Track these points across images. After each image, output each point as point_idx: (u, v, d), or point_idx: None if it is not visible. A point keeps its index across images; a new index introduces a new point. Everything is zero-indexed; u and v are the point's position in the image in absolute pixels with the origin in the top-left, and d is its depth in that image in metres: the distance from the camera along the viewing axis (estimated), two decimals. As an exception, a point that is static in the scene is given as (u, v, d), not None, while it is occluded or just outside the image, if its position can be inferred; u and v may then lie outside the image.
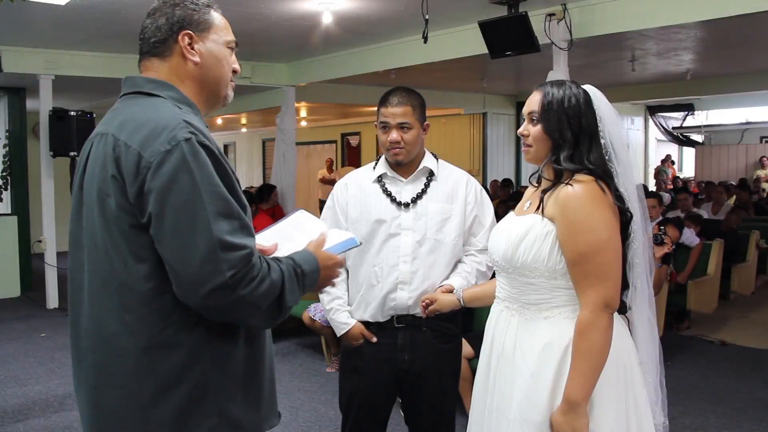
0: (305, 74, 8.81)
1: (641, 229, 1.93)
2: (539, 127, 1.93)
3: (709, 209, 9.10)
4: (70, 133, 7.40)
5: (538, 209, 1.92)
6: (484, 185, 11.42)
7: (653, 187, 14.85)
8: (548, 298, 1.90)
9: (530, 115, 1.96)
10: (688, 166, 17.95)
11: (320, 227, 1.83)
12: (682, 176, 16.52)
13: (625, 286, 1.94)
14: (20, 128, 9.05)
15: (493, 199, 9.95)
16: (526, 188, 2.18)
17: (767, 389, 4.80)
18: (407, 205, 2.53)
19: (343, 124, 15.50)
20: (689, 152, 17.59)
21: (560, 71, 5.80)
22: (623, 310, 1.96)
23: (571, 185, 1.85)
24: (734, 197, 10.34)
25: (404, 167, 2.57)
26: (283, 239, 1.70)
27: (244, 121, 15.48)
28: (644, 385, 1.95)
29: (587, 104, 1.91)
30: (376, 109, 2.61)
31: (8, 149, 8.93)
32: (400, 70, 7.82)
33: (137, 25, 1.66)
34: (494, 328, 2.03)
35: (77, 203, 1.57)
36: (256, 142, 18.34)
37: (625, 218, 1.90)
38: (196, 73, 1.62)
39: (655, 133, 16.75)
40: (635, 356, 1.95)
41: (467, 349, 3.72)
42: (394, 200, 2.54)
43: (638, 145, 16.42)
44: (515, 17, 5.60)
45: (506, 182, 11.17)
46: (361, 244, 2.17)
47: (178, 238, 1.40)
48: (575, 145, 1.90)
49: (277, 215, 8.22)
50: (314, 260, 1.63)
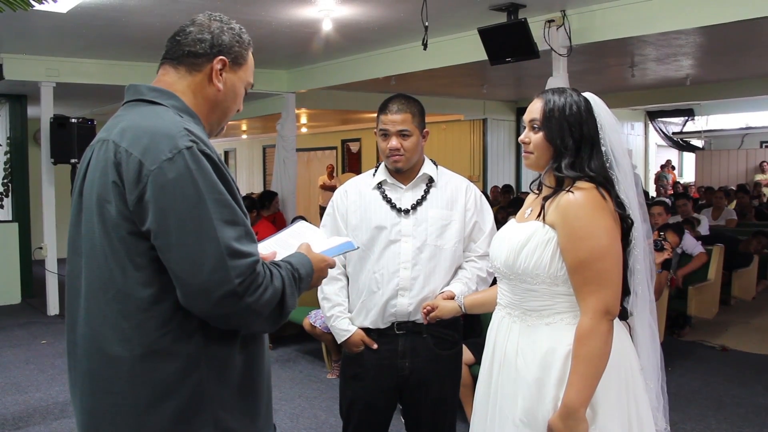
0: (305, 81, 8.83)
1: (642, 235, 1.94)
2: (541, 134, 1.94)
3: (709, 215, 9.11)
4: (71, 140, 7.42)
5: (539, 216, 1.93)
6: (484, 191, 11.46)
7: (653, 192, 14.88)
8: (550, 304, 1.91)
9: (531, 122, 1.97)
10: (688, 171, 17.97)
11: (320, 237, 1.85)
12: (682, 181, 16.54)
13: (626, 292, 1.95)
14: (21, 135, 9.07)
15: (493, 205, 9.97)
16: (526, 194, 2.18)
17: (768, 395, 4.80)
18: (407, 211, 2.54)
19: (343, 130, 15.52)
20: (689, 157, 17.61)
21: (560, 77, 5.82)
22: (624, 316, 1.97)
23: (572, 192, 1.86)
24: (735, 202, 10.34)
25: (404, 174, 2.58)
26: (282, 248, 1.72)
27: (244, 127, 15.51)
28: (646, 391, 1.95)
29: (588, 112, 1.93)
30: (376, 115, 2.62)
31: (9, 156, 8.95)
32: (400, 76, 7.84)
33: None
34: (496, 334, 2.04)
35: (77, 209, 1.57)
36: (256, 148, 18.36)
37: (626, 225, 1.90)
38: (213, 97, 1.64)
39: (655, 138, 16.79)
40: (636, 362, 1.95)
41: (467, 355, 3.72)
42: (394, 207, 2.55)
43: (638, 150, 16.45)
44: (515, 24, 5.62)
45: (506, 188, 11.18)
46: (358, 248, 2.19)
47: (185, 246, 1.40)
48: (576, 152, 1.91)
49: (278, 221, 8.23)
50: (308, 262, 1.65)
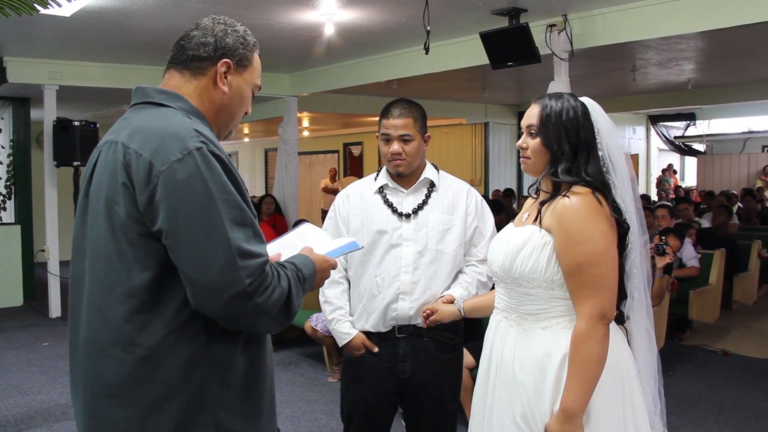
0: (307, 84, 8.85)
1: (639, 239, 1.95)
2: (538, 139, 1.96)
3: (710, 219, 9.10)
4: (73, 143, 7.44)
5: (535, 220, 1.94)
6: (485, 195, 11.46)
7: (655, 196, 14.87)
8: (546, 308, 1.92)
9: (529, 128, 1.98)
10: (690, 175, 17.96)
11: (324, 239, 1.86)
12: (684, 185, 16.53)
13: (623, 296, 1.96)
14: (24, 138, 9.10)
15: (494, 208, 9.97)
16: (526, 198, 2.20)
17: (769, 399, 4.80)
18: (408, 215, 2.55)
19: (345, 133, 15.55)
20: (691, 161, 17.60)
21: (561, 81, 5.84)
22: (621, 320, 1.98)
23: (568, 197, 1.87)
24: (736, 206, 10.34)
25: (405, 178, 2.59)
26: (287, 251, 1.73)
27: (246, 131, 15.53)
28: (642, 395, 1.96)
29: (585, 116, 1.94)
30: (378, 119, 2.63)
31: (12, 159, 8.98)
32: (401, 80, 7.86)
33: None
34: (493, 338, 2.05)
35: (82, 210, 1.57)
36: (258, 151, 18.39)
37: (622, 229, 1.92)
38: (219, 101, 1.64)
39: (656, 142, 16.78)
40: (633, 366, 1.96)
41: (468, 359, 3.73)
42: (395, 211, 2.56)
43: (640, 154, 16.44)
44: (516, 28, 5.64)
45: (508, 192, 11.18)
46: (362, 247, 2.21)
47: (195, 247, 1.41)
48: (573, 157, 1.92)
49: (278, 224, 8.24)
50: (311, 263, 1.67)
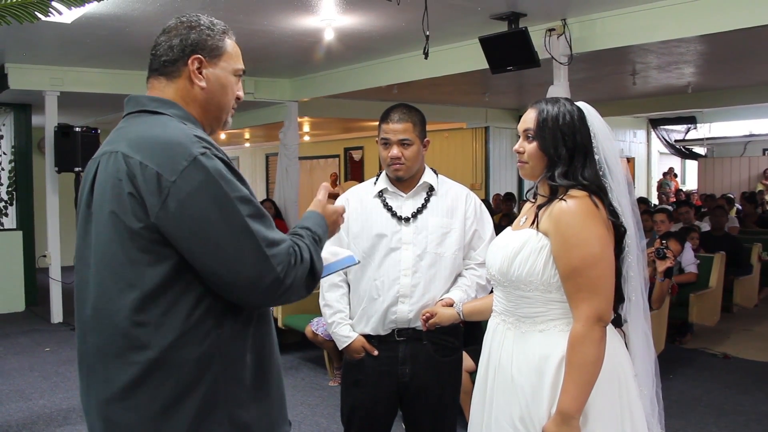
0: (308, 89, 8.88)
1: (635, 243, 1.96)
2: (534, 144, 1.97)
3: (710, 222, 9.09)
4: (74, 148, 7.46)
5: (532, 224, 1.95)
6: (486, 199, 11.47)
7: (656, 200, 14.87)
8: (543, 311, 1.93)
9: (525, 132, 2.00)
10: (691, 178, 17.96)
11: (338, 253, 1.88)
12: (685, 189, 16.53)
13: (620, 299, 1.97)
14: (26, 144, 9.12)
15: (494, 213, 9.97)
16: (525, 202, 2.21)
17: (770, 402, 4.80)
18: (408, 219, 2.57)
19: (345, 138, 15.57)
20: (692, 165, 17.61)
21: (561, 86, 5.85)
22: (619, 323, 1.99)
23: (564, 200, 1.89)
24: (734, 210, 10.34)
25: (405, 182, 2.61)
26: None
27: (247, 135, 15.57)
28: (640, 397, 1.96)
29: (581, 121, 1.96)
30: (378, 124, 2.65)
31: (14, 165, 9.01)
32: (402, 85, 7.88)
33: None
34: (491, 341, 2.07)
35: (84, 221, 1.57)
36: (259, 156, 18.42)
37: (619, 233, 1.93)
38: (201, 97, 1.64)
39: (657, 146, 16.79)
40: (630, 369, 1.97)
41: (468, 362, 3.73)
42: (394, 215, 2.58)
43: (641, 158, 16.45)
44: (515, 33, 5.66)
45: (508, 196, 11.19)
46: (359, 262, 2.22)
47: (224, 248, 1.44)
48: (570, 161, 1.94)
49: (279, 229, 8.25)
50: (322, 219, 1.74)
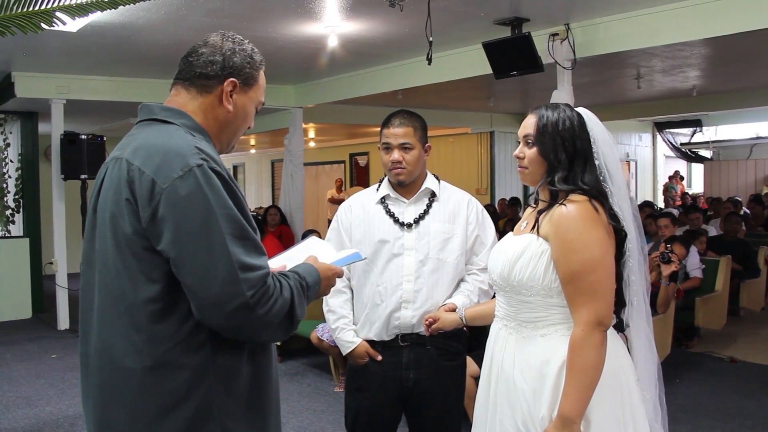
0: (312, 96, 8.90)
1: (637, 247, 1.96)
2: (534, 149, 1.98)
3: (717, 225, 9.08)
4: (80, 156, 7.50)
5: (533, 229, 1.96)
6: (491, 204, 11.46)
7: (662, 203, 14.83)
8: (544, 316, 1.93)
9: (525, 137, 2.01)
10: (697, 181, 17.91)
11: (329, 250, 1.89)
12: (691, 192, 16.48)
13: (622, 303, 1.97)
14: (32, 152, 9.18)
15: (500, 218, 9.94)
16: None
17: (777, 406, 4.78)
18: (410, 225, 2.58)
19: (351, 144, 15.59)
20: (698, 168, 17.56)
21: (564, 90, 5.86)
22: (621, 327, 1.99)
23: (564, 205, 1.90)
24: (742, 212, 10.30)
25: (407, 188, 2.63)
26: (291, 263, 1.76)
27: (252, 142, 15.61)
28: (643, 402, 1.96)
29: (581, 126, 1.96)
30: (380, 130, 2.66)
31: (21, 172, 9.05)
32: (406, 90, 7.89)
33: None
34: (493, 346, 2.07)
35: (90, 225, 1.62)
36: (264, 163, 18.47)
37: (620, 237, 1.93)
38: (223, 119, 1.67)
39: (663, 149, 16.75)
40: (633, 373, 1.96)
41: (473, 367, 3.73)
42: (397, 221, 2.59)
43: (646, 161, 16.42)
44: (518, 38, 5.67)
45: (514, 201, 11.19)
46: (365, 258, 2.23)
47: (197, 261, 1.44)
48: (570, 166, 1.94)
49: (284, 235, 8.26)
50: (315, 271, 1.69)
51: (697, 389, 5.16)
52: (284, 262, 1.78)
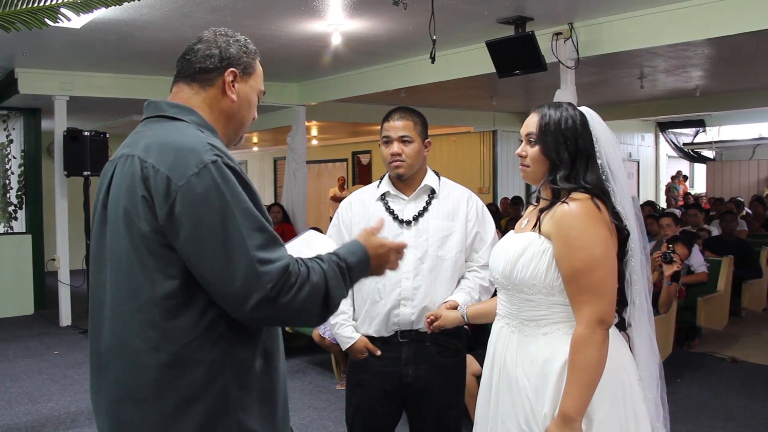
0: (315, 94, 8.91)
1: (639, 246, 1.97)
2: (537, 148, 1.99)
3: (719, 225, 9.06)
4: (83, 153, 7.51)
5: (535, 227, 1.96)
6: (494, 203, 11.46)
7: (664, 203, 14.82)
8: (546, 314, 1.94)
9: (528, 136, 2.01)
10: (699, 182, 17.90)
11: (330, 245, 1.89)
12: (693, 192, 16.47)
13: (624, 302, 1.97)
14: (35, 148, 9.19)
15: (503, 216, 9.95)
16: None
17: (778, 407, 4.77)
18: (409, 222, 2.59)
19: (353, 142, 15.60)
20: (700, 168, 17.54)
21: (567, 89, 5.86)
22: (623, 326, 1.99)
23: (567, 203, 1.90)
24: (744, 212, 10.30)
25: (406, 185, 2.63)
26: (294, 254, 1.76)
27: (255, 140, 15.61)
28: (644, 401, 1.96)
29: (583, 125, 1.97)
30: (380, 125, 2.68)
31: (23, 169, 9.07)
32: (409, 89, 7.90)
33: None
34: (495, 344, 2.08)
35: (100, 222, 1.61)
36: (267, 161, 18.48)
37: (622, 236, 1.93)
38: (228, 109, 1.68)
39: (666, 149, 16.74)
40: (635, 372, 1.97)
41: (475, 365, 3.73)
42: (396, 218, 2.60)
43: (649, 161, 16.41)
44: (522, 37, 5.67)
45: (516, 200, 11.19)
46: None
47: (217, 257, 1.45)
48: (572, 165, 1.95)
49: (286, 233, 8.26)
50: (361, 249, 1.68)
51: (698, 389, 5.16)
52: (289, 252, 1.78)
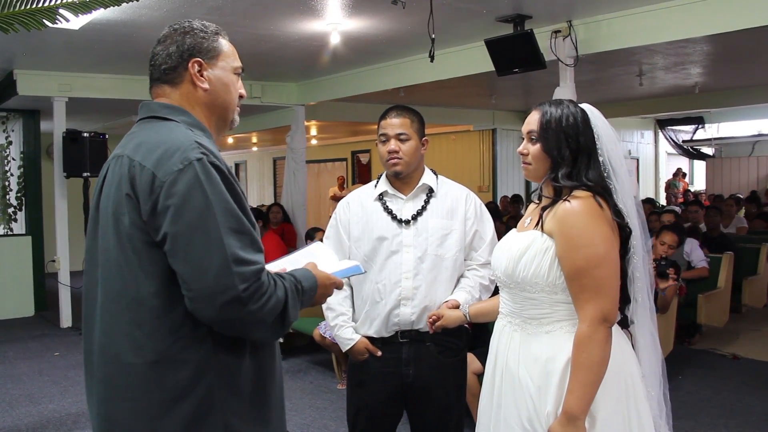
0: (314, 93, 8.90)
1: (641, 243, 1.96)
2: (538, 145, 1.98)
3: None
4: (83, 154, 7.50)
5: (537, 225, 1.96)
6: (494, 201, 11.46)
7: (664, 200, 14.82)
8: (549, 312, 1.93)
9: (529, 134, 2.01)
10: (699, 179, 17.90)
11: (331, 259, 1.89)
12: (693, 189, 16.47)
13: (626, 300, 1.97)
14: (34, 150, 9.18)
15: (502, 215, 9.96)
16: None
17: (780, 403, 4.77)
18: (408, 222, 2.58)
19: (353, 142, 15.60)
20: (700, 165, 17.54)
21: (567, 87, 5.85)
22: (625, 324, 1.99)
23: (569, 201, 1.89)
24: (743, 210, 10.30)
25: (404, 184, 2.63)
26: (292, 267, 1.76)
27: (254, 140, 15.61)
28: (647, 399, 1.96)
29: (585, 123, 1.96)
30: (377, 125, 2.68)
31: (23, 170, 9.06)
32: (408, 88, 7.89)
33: (149, 47, 1.71)
34: (498, 343, 2.07)
35: (93, 222, 1.63)
36: (267, 160, 18.47)
37: (624, 233, 1.93)
38: (205, 99, 1.68)
39: (665, 146, 16.74)
40: (637, 370, 1.96)
41: (476, 364, 3.73)
42: (394, 218, 2.59)
43: (648, 158, 16.40)
44: (521, 35, 5.66)
45: (516, 198, 11.18)
46: (365, 272, 2.24)
47: (192, 253, 1.46)
48: (573, 162, 1.94)
49: (286, 233, 8.26)
50: (312, 277, 1.69)
51: (699, 386, 5.16)
52: (285, 265, 1.78)
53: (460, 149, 13.22)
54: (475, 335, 3.40)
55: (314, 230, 6.54)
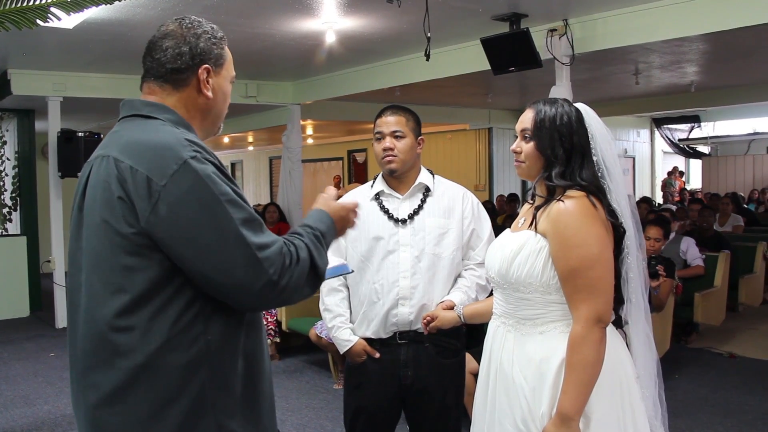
0: (310, 92, 8.88)
1: (635, 244, 1.95)
2: (532, 144, 1.97)
3: (716, 221, 9.07)
4: (77, 153, 7.49)
5: (531, 225, 1.95)
6: (490, 200, 11.45)
7: (660, 199, 14.84)
8: (543, 313, 1.92)
9: (523, 132, 2.00)
10: (695, 177, 17.93)
11: (334, 261, 1.87)
12: (689, 188, 16.49)
13: (620, 300, 1.96)
14: (29, 149, 9.16)
15: (498, 214, 9.96)
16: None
17: (776, 402, 4.77)
18: (404, 221, 2.57)
19: (349, 141, 15.58)
20: (696, 164, 17.57)
21: (563, 86, 5.85)
22: (619, 324, 1.98)
23: (562, 201, 1.88)
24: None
25: (400, 183, 2.61)
26: None
27: (250, 139, 15.59)
28: (642, 399, 1.95)
29: (579, 122, 1.95)
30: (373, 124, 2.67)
31: (18, 170, 9.03)
32: (404, 87, 7.88)
33: (143, 46, 1.64)
34: (492, 343, 2.06)
35: (76, 224, 1.58)
36: (263, 160, 18.44)
37: (618, 233, 1.92)
38: (204, 106, 1.64)
39: (661, 145, 16.76)
40: (632, 370, 1.95)
41: (473, 364, 3.72)
42: (391, 217, 2.58)
43: (644, 157, 16.42)
44: (517, 33, 5.65)
45: (512, 197, 11.18)
46: (353, 271, 2.23)
47: (214, 252, 1.44)
48: (567, 162, 1.93)
49: (282, 232, 8.18)
50: (327, 216, 1.69)
51: (696, 385, 5.16)
52: None
53: (456, 148, 13.21)
54: (470, 335, 3.39)
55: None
